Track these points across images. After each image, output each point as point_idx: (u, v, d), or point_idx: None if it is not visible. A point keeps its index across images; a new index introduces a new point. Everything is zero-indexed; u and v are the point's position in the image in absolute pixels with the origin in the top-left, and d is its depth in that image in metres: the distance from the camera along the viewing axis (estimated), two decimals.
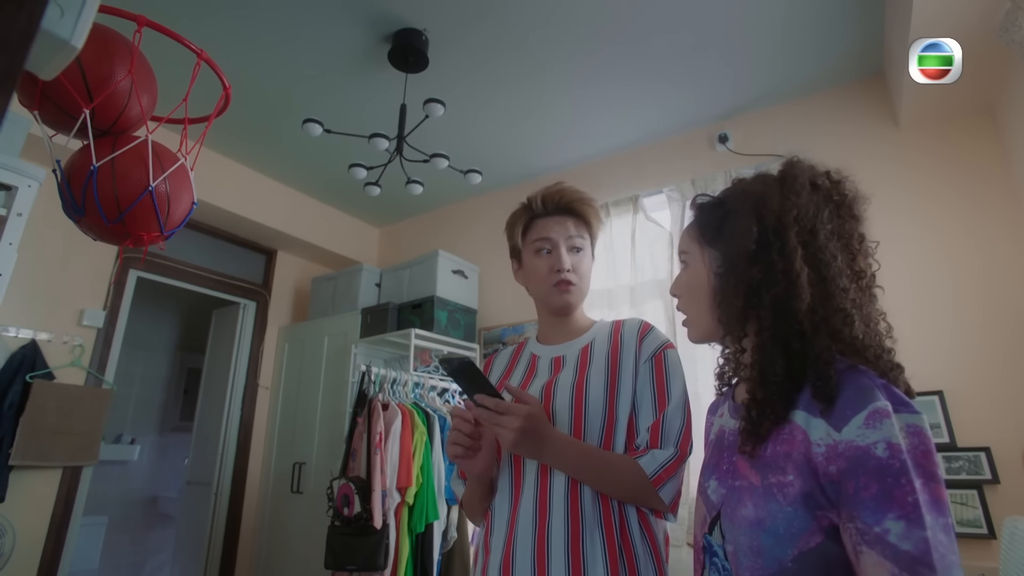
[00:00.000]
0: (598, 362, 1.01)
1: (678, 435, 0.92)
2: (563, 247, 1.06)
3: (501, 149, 3.08)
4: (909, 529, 0.52)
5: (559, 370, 1.04)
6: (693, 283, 0.78)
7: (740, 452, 0.69)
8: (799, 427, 0.63)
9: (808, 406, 0.64)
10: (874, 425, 0.57)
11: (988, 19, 1.69)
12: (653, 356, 1.00)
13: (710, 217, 0.78)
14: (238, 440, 3.33)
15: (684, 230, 0.83)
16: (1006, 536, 1.57)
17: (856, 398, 0.59)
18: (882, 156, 2.36)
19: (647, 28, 2.19)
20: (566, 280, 1.05)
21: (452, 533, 2.38)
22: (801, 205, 0.69)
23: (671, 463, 0.90)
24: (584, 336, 1.08)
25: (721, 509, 0.70)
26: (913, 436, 0.57)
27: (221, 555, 3.14)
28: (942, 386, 2.03)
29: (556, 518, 0.90)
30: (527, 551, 0.89)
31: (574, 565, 0.86)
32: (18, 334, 2.41)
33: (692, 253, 0.79)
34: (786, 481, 0.62)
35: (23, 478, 2.33)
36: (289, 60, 2.38)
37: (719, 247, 0.74)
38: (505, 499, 0.98)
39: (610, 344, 1.04)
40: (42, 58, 0.63)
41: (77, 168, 1.06)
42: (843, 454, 0.58)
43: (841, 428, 0.59)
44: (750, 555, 0.63)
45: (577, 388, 0.99)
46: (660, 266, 2.69)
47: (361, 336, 3.13)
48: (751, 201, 0.71)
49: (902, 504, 0.53)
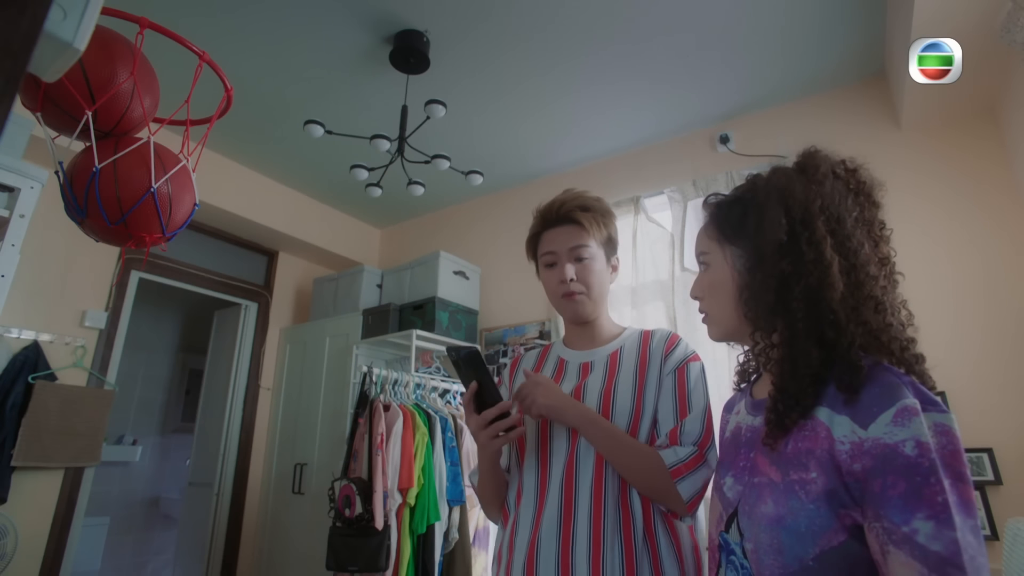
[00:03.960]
0: (626, 370, 1.02)
1: (698, 438, 0.93)
2: (566, 259, 1.07)
3: (502, 150, 3.08)
4: (939, 529, 0.51)
5: (587, 374, 1.05)
6: (716, 282, 0.76)
7: (764, 444, 0.67)
8: (822, 423, 0.62)
9: (832, 402, 0.62)
10: (903, 423, 0.56)
11: (990, 20, 1.69)
12: (676, 368, 1.00)
13: (728, 215, 0.76)
14: (240, 441, 3.33)
15: (701, 231, 0.81)
16: (1009, 537, 1.56)
17: (883, 395, 0.58)
18: (883, 157, 2.35)
19: (648, 29, 2.19)
20: (570, 292, 1.06)
21: (453, 534, 2.37)
22: (825, 194, 0.68)
23: (691, 459, 0.90)
24: (613, 343, 1.08)
25: (738, 506, 0.69)
26: (942, 435, 0.55)
27: (223, 556, 3.14)
28: (944, 387, 2.02)
29: (581, 520, 0.90)
30: (551, 552, 0.90)
31: (594, 567, 0.86)
32: (20, 335, 2.41)
33: (712, 253, 0.77)
34: (808, 478, 0.61)
35: (25, 479, 2.34)
36: (290, 62, 2.38)
37: (740, 244, 0.73)
38: (531, 500, 0.98)
39: (639, 354, 1.04)
40: (45, 60, 0.63)
41: (79, 170, 1.07)
42: (869, 452, 0.56)
43: (868, 425, 0.57)
44: (771, 553, 0.62)
45: (605, 393, 0.99)
46: (661, 267, 2.69)
47: (362, 337, 3.13)
48: (776, 193, 0.70)
49: (931, 504, 0.52)
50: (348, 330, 3.22)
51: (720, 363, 2.34)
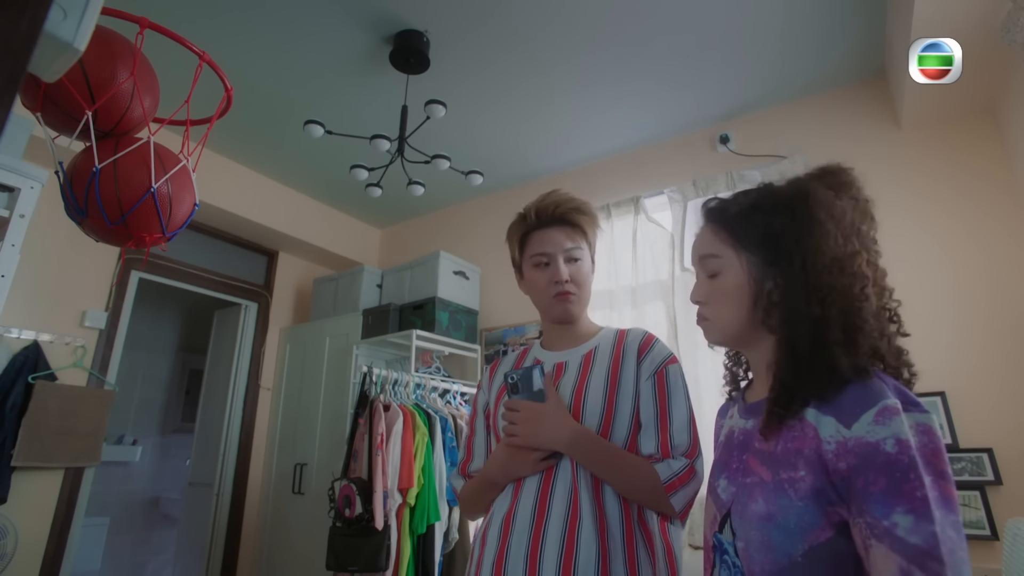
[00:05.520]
0: (599, 369, 1.03)
1: (687, 449, 0.95)
2: (560, 259, 1.07)
3: (502, 150, 3.08)
4: (918, 523, 0.53)
5: (560, 375, 1.06)
6: (728, 288, 0.75)
7: (760, 434, 0.70)
8: (810, 424, 0.64)
9: (819, 404, 0.64)
10: (883, 422, 0.58)
11: (990, 20, 1.69)
12: (655, 373, 1.01)
13: (749, 222, 0.75)
14: (240, 441, 3.33)
15: (707, 234, 0.80)
16: (1009, 538, 1.56)
17: (866, 396, 0.60)
18: (884, 157, 2.35)
19: (648, 29, 2.19)
20: (565, 292, 1.07)
21: (454, 534, 2.37)
22: (847, 209, 0.71)
23: (684, 472, 0.92)
24: (588, 342, 1.09)
25: (731, 507, 0.71)
26: (923, 434, 0.58)
27: (223, 556, 3.14)
28: (944, 387, 2.02)
29: (554, 518, 0.91)
30: (521, 548, 0.90)
31: (565, 566, 0.86)
32: (20, 335, 2.41)
33: (726, 258, 0.75)
34: (797, 477, 0.63)
35: (25, 479, 2.34)
36: (290, 62, 2.38)
37: (761, 252, 0.72)
38: (506, 494, 1.00)
39: (612, 353, 1.05)
40: (45, 60, 0.63)
41: (80, 170, 1.07)
42: (853, 450, 0.59)
43: (851, 425, 0.60)
44: (761, 550, 0.64)
45: (577, 392, 1.00)
46: (661, 267, 2.69)
47: (362, 337, 3.13)
48: (825, 208, 0.69)
49: (911, 498, 0.54)
50: (348, 330, 3.22)
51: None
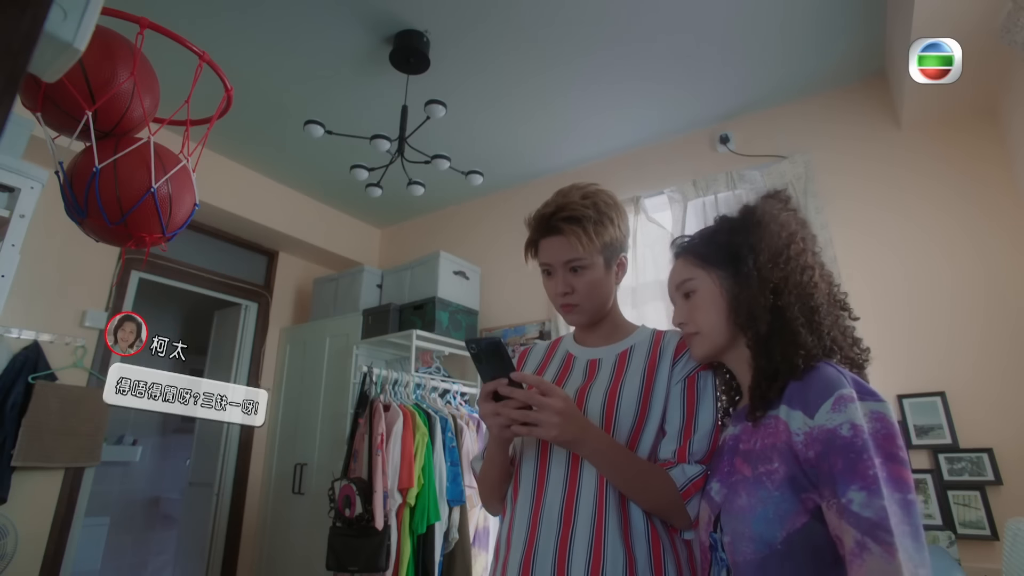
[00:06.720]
0: (634, 371, 0.99)
1: (703, 456, 0.92)
2: (560, 270, 1.03)
3: (502, 150, 3.08)
4: (869, 499, 0.59)
5: (594, 374, 1.03)
6: (705, 302, 0.85)
7: (747, 420, 0.77)
8: (782, 420, 0.71)
9: (789, 399, 0.71)
10: (839, 409, 0.65)
11: (990, 20, 1.69)
12: (687, 377, 0.98)
13: (711, 242, 0.87)
14: (239, 441, 3.33)
15: (678, 265, 0.91)
16: (1009, 538, 1.56)
17: (825, 387, 0.67)
18: (883, 157, 2.35)
19: (648, 29, 2.19)
20: (566, 304, 1.04)
21: (453, 534, 2.37)
22: (790, 218, 0.83)
23: (699, 478, 0.89)
24: (623, 341, 1.06)
25: (723, 506, 0.75)
26: (876, 421, 0.64)
27: (223, 556, 3.14)
28: (944, 387, 2.02)
29: (582, 522, 0.89)
30: (548, 552, 0.88)
31: (593, 570, 0.85)
32: (20, 335, 2.41)
33: (698, 278, 0.86)
34: (772, 468, 0.69)
35: (25, 479, 2.34)
36: (291, 62, 2.38)
37: (726, 266, 0.83)
38: (528, 494, 0.96)
39: (649, 355, 1.02)
40: (45, 60, 0.63)
41: (80, 170, 1.07)
42: (817, 438, 0.65)
43: (813, 415, 0.67)
44: (744, 540, 0.69)
45: (610, 395, 0.97)
46: (662, 267, 2.69)
47: (362, 337, 3.13)
48: (769, 216, 0.82)
49: (863, 477, 0.60)
50: (348, 330, 3.22)
51: None
